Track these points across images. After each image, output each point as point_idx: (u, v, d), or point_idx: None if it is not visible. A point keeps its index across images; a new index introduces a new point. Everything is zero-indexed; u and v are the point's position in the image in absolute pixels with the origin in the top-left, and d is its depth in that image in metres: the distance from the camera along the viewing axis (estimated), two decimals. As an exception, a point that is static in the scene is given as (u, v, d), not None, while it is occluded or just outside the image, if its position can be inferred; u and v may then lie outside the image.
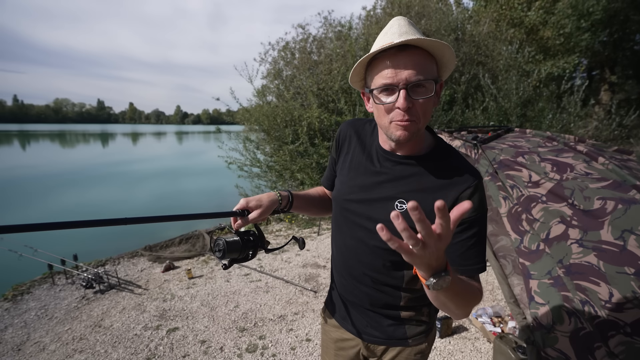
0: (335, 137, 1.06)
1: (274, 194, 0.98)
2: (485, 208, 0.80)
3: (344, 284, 1.02)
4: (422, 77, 0.71)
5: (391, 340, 0.97)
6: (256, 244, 0.92)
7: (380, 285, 0.93)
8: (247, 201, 0.92)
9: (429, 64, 0.74)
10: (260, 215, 0.92)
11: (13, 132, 70.72)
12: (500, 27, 6.35)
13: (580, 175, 1.71)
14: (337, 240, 1.02)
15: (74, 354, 2.49)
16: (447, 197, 0.78)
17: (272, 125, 5.97)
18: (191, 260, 4.24)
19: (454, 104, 5.01)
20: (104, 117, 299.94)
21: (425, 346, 1.00)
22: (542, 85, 5.30)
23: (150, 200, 9.53)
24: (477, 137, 2.27)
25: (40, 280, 3.77)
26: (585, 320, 1.34)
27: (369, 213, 0.88)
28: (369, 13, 7.14)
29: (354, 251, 0.95)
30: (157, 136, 62.63)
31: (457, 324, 2.68)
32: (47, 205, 8.86)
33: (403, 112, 0.73)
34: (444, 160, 0.84)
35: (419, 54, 0.72)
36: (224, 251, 0.86)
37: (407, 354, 0.98)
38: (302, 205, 1.07)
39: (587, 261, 1.45)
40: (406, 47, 0.72)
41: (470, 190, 0.78)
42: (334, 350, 1.11)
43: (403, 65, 0.71)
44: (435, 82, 0.74)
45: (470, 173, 0.80)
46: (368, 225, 0.89)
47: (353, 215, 0.93)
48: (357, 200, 0.91)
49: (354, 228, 0.93)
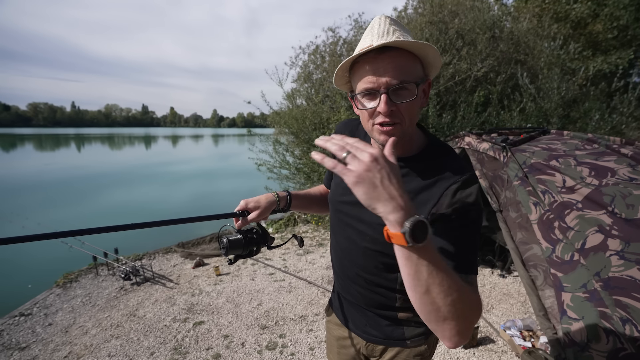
0: None
1: (271, 195, 1.03)
2: (476, 206, 0.73)
3: (341, 284, 1.03)
4: (403, 80, 0.69)
5: (389, 340, 0.97)
6: (259, 241, 0.98)
7: (373, 286, 0.92)
8: (246, 202, 0.98)
9: (411, 65, 0.71)
10: (259, 216, 0.97)
11: (71, 135, 77.95)
12: (543, 23, 5.95)
13: (622, 181, 1.56)
14: (332, 241, 1.05)
15: (111, 339, 2.69)
16: (433, 194, 0.76)
17: (302, 128, 6.05)
18: (219, 258, 4.41)
19: (489, 105, 4.76)
20: (148, 121, 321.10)
21: (425, 349, 0.98)
22: (590, 84, 4.89)
23: (188, 200, 10.04)
24: (507, 140, 2.15)
25: (86, 270, 4.12)
26: (626, 341, 1.22)
27: (359, 215, 0.88)
28: (400, 14, 7.02)
29: (347, 252, 0.96)
30: (195, 139, 65.93)
31: (482, 334, 2.54)
32: (94, 202, 9.68)
33: (384, 116, 0.72)
34: (434, 160, 0.81)
35: (400, 56, 0.70)
36: (227, 248, 0.93)
37: (406, 355, 0.97)
38: (302, 204, 1.11)
39: (630, 275, 1.32)
40: (387, 49, 0.69)
41: (455, 185, 0.74)
42: (336, 347, 1.13)
43: (383, 69, 0.69)
44: (418, 83, 0.72)
45: (459, 170, 0.77)
46: (359, 226, 0.88)
47: (345, 217, 0.94)
48: (349, 202, 0.91)
49: (346, 229, 0.94)
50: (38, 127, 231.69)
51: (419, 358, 0.98)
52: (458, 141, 2.92)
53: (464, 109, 4.45)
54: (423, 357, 0.99)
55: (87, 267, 4.19)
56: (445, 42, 5.06)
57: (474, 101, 4.58)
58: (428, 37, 5.15)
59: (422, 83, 0.74)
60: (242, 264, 4.16)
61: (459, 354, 2.37)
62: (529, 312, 2.83)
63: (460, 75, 4.72)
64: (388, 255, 0.83)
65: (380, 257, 0.86)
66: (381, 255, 0.85)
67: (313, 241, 4.98)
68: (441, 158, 0.82)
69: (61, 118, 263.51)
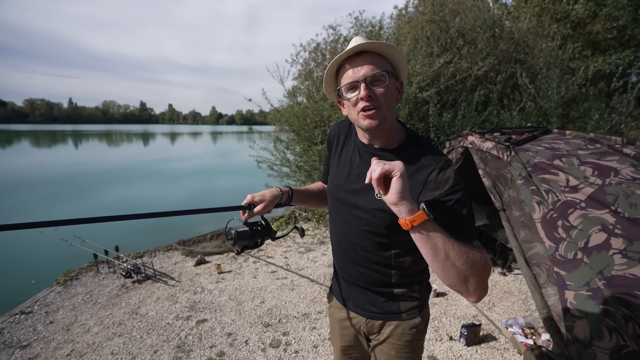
0: (327, 138, 1.22)
1: (275, 190, 1.12)
2: (457, 184, 0.86)
3: (342, 267, 1.13)
4: (377, 70, 0.86)
5: (387, 314, 1.07)
6: (264, 233, 1.05)
7: (372, 264, 1.03)
8: (252, 196, 1.07)
9: (382, 62, 0.89)
10: (264, 208, 1.06)
11: (68, 132, 77.41)
12: (542, 22, 5.96)
13: (626, 180, 1.58)
14: (332, 228, 1.15)
15: (113, 337, 2.70)
16: (418, 181, 0.89)
17: (302, 125, 6.03)
18: (221, 256, 4.41)
19: (489, 104, 4.78)
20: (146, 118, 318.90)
21: (419, 321, 1.07)
22: (589, 84, 4.91)
23: (186, 197, 10.00)
24: (511, 139, 2.17)
25: (87, 268, 4.12)
26: (629, 338, 1.25)
27: (355, 202, 1.01)
28: (401, 12, 7.01)
29: (346, 235, 1.06)
30: (194, 136, 65.65)
31: (485, 332, 2.56)
32: (92, 199, 9.62)
33: (365, 101, 0.87)
34: (412, 150, 0.95)
35: (372, 56, 0.88)
36: (235, 239, 1.00)
37: (403, 328, 1.06)
38: (302, 199, 1.21)
39: (632, 274, 1.34)
40: (361, 53, 0.88)
41: (436, 171, 0.87)
42: (339, 330, 1.22)
43: (360, 65, 0.87)
44: (389, 73, 0.87)
45: (435, 157, 0.91)
46: (355, 212, 1.01)
47: (343, 205, 1.05)
48: (346, 191, 1.04)
49: (345, 215, 1.05)
50: (35, 123, 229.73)
51: (414, 330, 1.06)
52: (461, 140, 2.93)
53: (465, 107, 4.46)
54: (418, 329, 1.07)
55: (88, 264, 4.18)
56: (446, 40, 5.07)
57: (475, 100, 4.59)
58: (429, 35, 5.15)
59: (393, 76, 0.90)
60: (244, 262, 4.17)
61: (462, 351, 2.39)
62: (530, 309, 2.86)
63: (461, 74, 4.73)
64: (381, 235, 0.97)
65: (375, 237, 0.98)
66: (376, 235, 0.98)
67: (314, 239, 5.00)
68: (419, 148, 0.95)
69: (58, 114, 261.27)
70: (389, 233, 0.95)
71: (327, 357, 2.39)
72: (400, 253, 0.99)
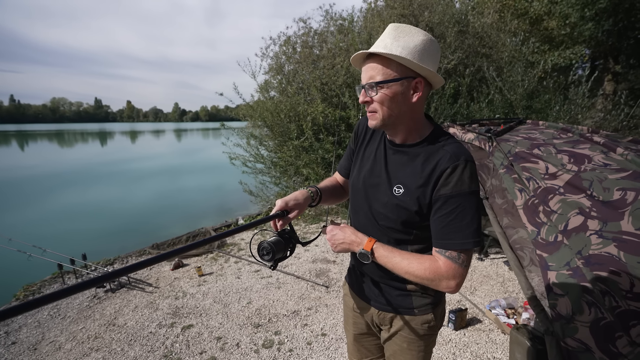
0: (354, 130, 1.19)
1: (306, 192, 1.08)
2: (471, 187, 0.87)
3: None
4: (374, 79, 0.88)
5: (399, 309, 1.07)
6: (292, 240, 0.97)
7: None
8: (285, 202, 0.99)
9: (386, 66, 0.87)
10: (298, 213, 1.02)
11: (11, 132, 70.39)
12: (504, 18, 6.29)
13: (598, 167, 1.70)
14: (353, 220, 1.15)
15: (90, 353, 2.51)
16: (431, 178, 0.89)
17: (276, 120, 5.93)
18: (200, 258, 4.25)
19: (459, 97, 4.98)
20: (102, 116, 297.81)
21: (432, 317, 1.07)
22: (548, 77, 5.27)
23: (151, 199, 9.50)
24: (490, 130, 2.26)
25: (51, 280, 3.79)
26: (605, 311, 1.35)
27: (375, 195, 1.01)
28: (370, 6, 7.07)
29: (364, 228, 1.04)
30: (156, 134, 62.45)
31: (470, 316, 2.69)
32: (47, 205, 8.85)
33: (364, 105, 0.93)
34: (434, 146, 0.93)
35: (379, 60, 0.87)
36: (272, 252, 0.88)
37: (415, 322, 1.07)
38: (327, 198, 1.19)
39: (607, 252, 1.45)
40: (372, 56, 0.89)
41: (449, 169, 0.86)
42: (352, 318, 1.25)
43: (365, 71, 0.90)
44: (388, 81, 0.86)
45: (454, 154, 0.88)
46: (376, 206, 1.01)
47: (363, 198, 1.06)
48: (368, 184, 1.04)
49: (365, 209, 1.05)
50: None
51: (426, 325, 1.07)
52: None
53: (437, 100, 4.61)
54: (430, 325, 1.07)
55: (52, 276, 3.85)
56: (416, 35, 5.18)
57: (447, 93, 4.75)
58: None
59: (395, 81, 0.87)
60: (224, 262, 4.04)
61: (451, 335, 2.50)
62: (509, 291, 3.05)
63: (432, 68, 4.87)
64: (399, 232, 0.98)
65: (393, 232, 0.99)
66: (393, 231, 0.98)
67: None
68: (439, 144, 0.93)
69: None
70: (406, 229, 0.96)
71: (321, 353, 2.39)
72: (419, 249, 0.99)
